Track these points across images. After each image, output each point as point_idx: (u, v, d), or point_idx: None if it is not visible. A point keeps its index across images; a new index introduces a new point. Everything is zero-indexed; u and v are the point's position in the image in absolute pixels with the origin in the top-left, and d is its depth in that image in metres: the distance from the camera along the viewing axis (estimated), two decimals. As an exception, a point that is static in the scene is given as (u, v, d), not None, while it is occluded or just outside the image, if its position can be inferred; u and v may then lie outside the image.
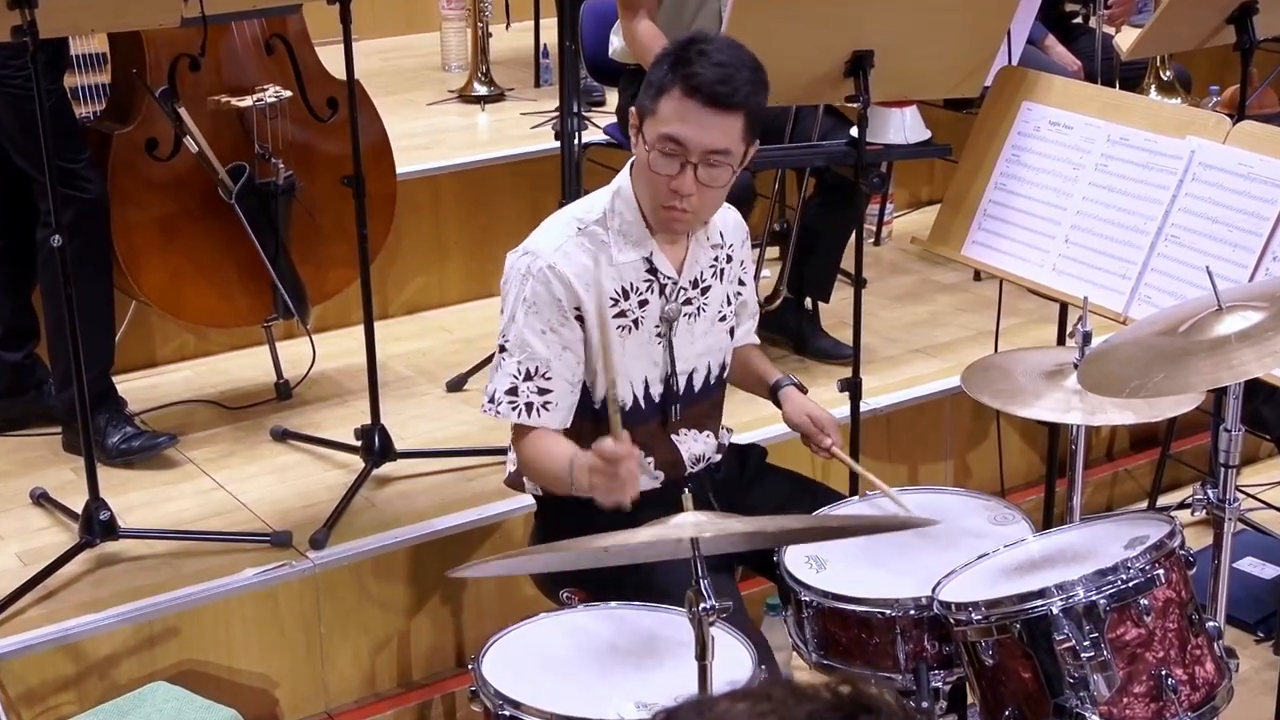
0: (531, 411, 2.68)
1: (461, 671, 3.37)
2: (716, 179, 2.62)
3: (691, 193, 2.61)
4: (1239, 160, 2.98)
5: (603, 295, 2.66)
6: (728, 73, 2.56)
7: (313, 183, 3.83)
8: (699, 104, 2.55)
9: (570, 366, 2.69)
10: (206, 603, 3.15)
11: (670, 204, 2.63)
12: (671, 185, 2.61)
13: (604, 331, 2.59)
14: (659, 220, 2.69)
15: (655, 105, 2.60)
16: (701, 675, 2.14)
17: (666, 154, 2.59)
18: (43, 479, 3.56)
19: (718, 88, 2.55)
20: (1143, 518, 2.65)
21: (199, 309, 3.85)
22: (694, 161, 2.58)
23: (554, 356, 2.67)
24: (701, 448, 2.87)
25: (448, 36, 5.91)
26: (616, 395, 2.49)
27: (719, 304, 2.83)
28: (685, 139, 2.57)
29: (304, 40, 3.87)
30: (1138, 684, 2.34)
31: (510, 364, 2.69)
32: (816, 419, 2.94)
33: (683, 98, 2.56)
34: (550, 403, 2.68)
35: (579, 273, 2.67)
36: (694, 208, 2.64)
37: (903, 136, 3.93)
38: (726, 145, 2.59)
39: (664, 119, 2.58)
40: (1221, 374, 2.31)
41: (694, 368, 2.83)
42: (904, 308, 4.66)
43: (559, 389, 2.69)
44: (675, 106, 2.57)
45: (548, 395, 2.68)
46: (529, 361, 2.67)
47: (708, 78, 2.55)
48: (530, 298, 2.66)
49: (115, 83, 3.87)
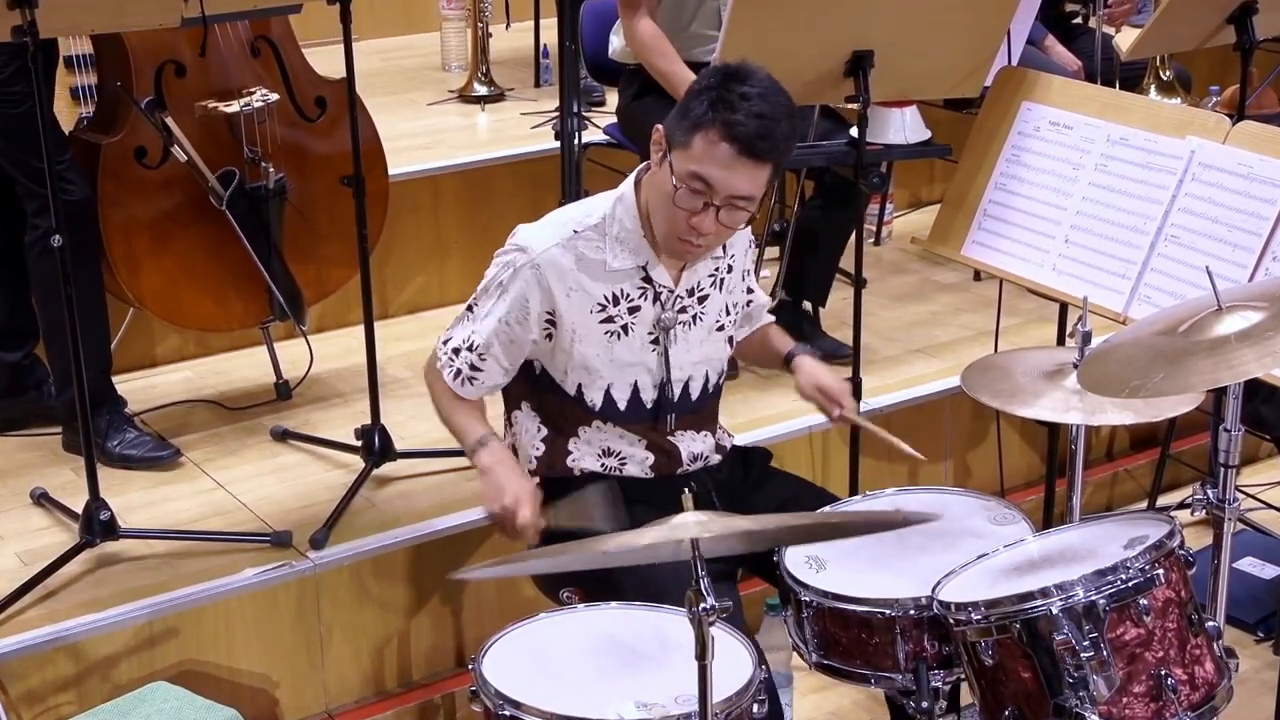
0: (459, 379, 2.81)
1: (461, 671, 3.37)
2: (736, 221, 2.62)
3: (710, 232, 2.61)
4: (1239, 160, 2.98)
5: (589, 301, 2.70)
6: (769, 126, 2.53)
7: (304, 183, 3.83)
8: (735, 152, 2.53)
9: (511, 356, 2.79)
10: (206, 603, 3.15)
11: (686, 238, 2.64)
12: (691, 221, 2.60)
13: (584, 335, 2.69)
14: (670, 248, 2.70)
15: (689, 140, 2.56)
16: (701, 675, 2.14)
17: (693, 191, 2.57)
18: (43, 479, 3.56)
19: (758, 142, 2.52)
20: (1142, 518, 2.65)
21: (195, 314, 3.85)
22: (718, 204, 2.58)
23: (498, 344, 2.76)
24: (700, 446, 2.88)
25: (448, 36, 5.91)
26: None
27: (716, 313, 2.83)
28: (715, 182, 2.56)
29: (289, 41, 3.84)
30: (1137, 684, 2.34)
31: (466, 328, 2.79)
32: (826, 389, 2.95)
33: (719, 141, 2.53)
34: (476, 379, 2.80)
35: (563, 277, 2.69)
36: (708, 244, 2.67)
37: (903, 136, 3.94)
38: (753, 193, 2.59)
39: (696, 157, 2.56)
40: (1221, 374, 2.31)
41: (690, 376, 2.83)
42: (904, 308, 4.66)
43: (490, 370, 2.79)
44: (710, 149, 2.54)
45: (477, 372, 2.80)
46: (477, 336, 2.77)
47: (749, 131, 2.51)
48: (505, 286, 2.73)
49: (101, 93, 3.85)
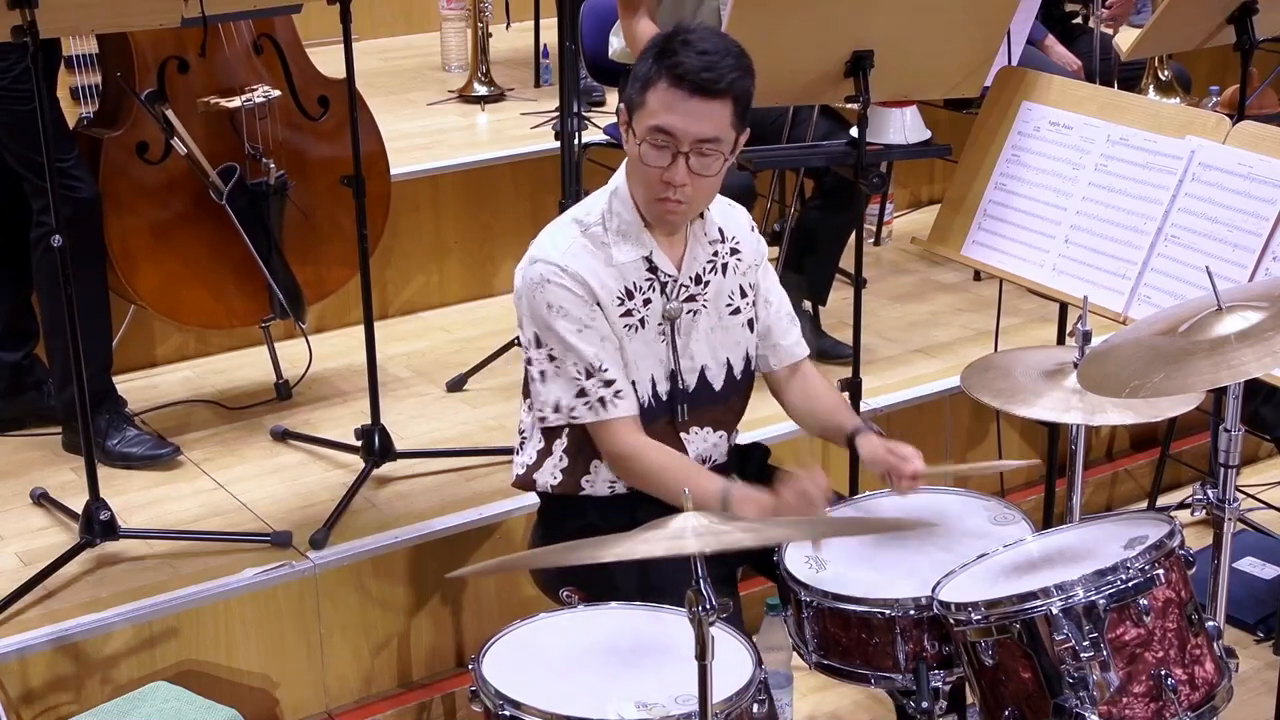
0: (606, 405, 2.68)
1: (461, 671, 3.37)
2: (708, 168, 2.62)
3: (684, 183, 2.61)
4: (1239, 160, 2.98)
5: (611, 295, 2.68)
6: (712, 60, 2.55)
7: (306, 182, 3.83)
8: (686, 93, 2.55)
9: (614, 356, 2.70)
10: (206, 603, 3.15)
11: (664, 195, 2.63)
12: (664, 177, 2.61)
13: (614, 329, 2.62)
14: (654, 214, 2.68)
15: (643, 98, 2.59)
16: (701, 675, 2.14)
17: (657, 146, 2.59)
18: (43, 479, 3.56)
19: (703, 75, 2.54)
20: (1142, 518, 2.64)
21: (195, 311, 3.85)
22: (685, 151, 2.58)
23: (600, 349, 2.68)
24: (710, 448, 2.85)
25: (448, 36, 5.91)
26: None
27: (724, 298, 2.82)
28: (674, 129, 2.57)
29: (293, 39, 3.85)
30: (1137, 684, 2.34)
31: (568, 369, 2.68)
32: (896, 449, 2.77)
33: (669, 88, 2.56)
34: (620, 391, 2.69)
35: (590, 272, 2.67)
36: (687, 198, 2.64)
37: (903, 136, 3.93)
38: (716, 133, 2.59)
39: (652, 111, 2.58)
40: (1221, 374, 2.31)
41: (704, 364, 2.81)
42: (904, 308, 4.66)
43: (619, 377, 2.70)
44: (662, 97, 2.57)
45: (614, 385, 2.69)
46: (582, 362, 2.67)
47: (693, 65, 2.54)
48: (555, 302, 2.65)
49: (105, 87, 3.86)
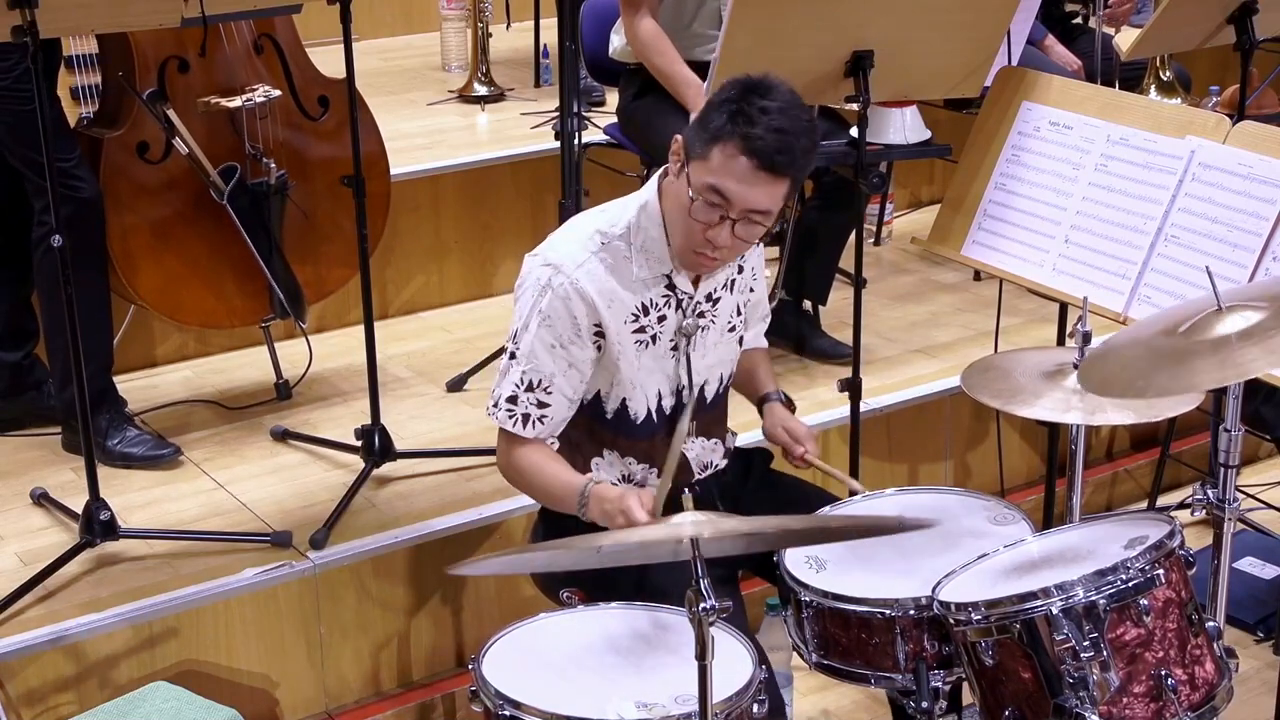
0: (527, 423, 2.69)
1: (461, 671, 3.37)
2: (752, 235, 2.61)
3: (726, 246, 2.60)
4: (1239, 160, 2.98)
5: (624, 311, 2.67)
6: (788, 141, 2.51)
7: (306, 182, 3.83)
8: (753, 166, 2.51)
9: (573, 384, 2.69)
10: (206, 603, 3.15)
11: (701, 250, 2.62)
12: (707, 234, 2.58)
13: (623, 346, 2.62)
14: (686, 261, 2.67)
15: (707, 151, 2.55)
16: (701, 675, 2.14)
17: (710, 204, 2.56)
18: (43, 479, 3.56)
19: (776, 157, 2.51)
20: (1142, 518, 2.64)
21: (195, 311, 3.84)
22: (734, 218, 2.56)
23: (559, 372, 2.67)
24: (710, 455, 2.87)
25: (448, 36, 5.91)
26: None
27: (728, 315, 2.83)
28: (732, 196, 2.54)
29: (293, 39, 3.85)
30: (1137, 684, 2.34)
31: (515, 372, 2.69)
32: (793, 431, 2.93)
33: (737, 155, 2.51)
34: (546, 416, 2.70)
35: (602, 290, 2.65)
36: (724, 257, 2.65)
37: (903, 136, 3.93)
38: (770, 207, 2.57)
39: (713, 170, 2.54)
40: (1222, 374, 2.31)
41: (706, 379, 2.82)
42: (904, 308, 4.66)
43: (557, 404, 2.70)
44: (728, 163, 2.52)
45: (545, 409, 2.69)
46: (533, 373, 2.67)
47: (768, 145, 2.50)
48: (546, 311, 2.65)
49: (105, 87, 3.86)
